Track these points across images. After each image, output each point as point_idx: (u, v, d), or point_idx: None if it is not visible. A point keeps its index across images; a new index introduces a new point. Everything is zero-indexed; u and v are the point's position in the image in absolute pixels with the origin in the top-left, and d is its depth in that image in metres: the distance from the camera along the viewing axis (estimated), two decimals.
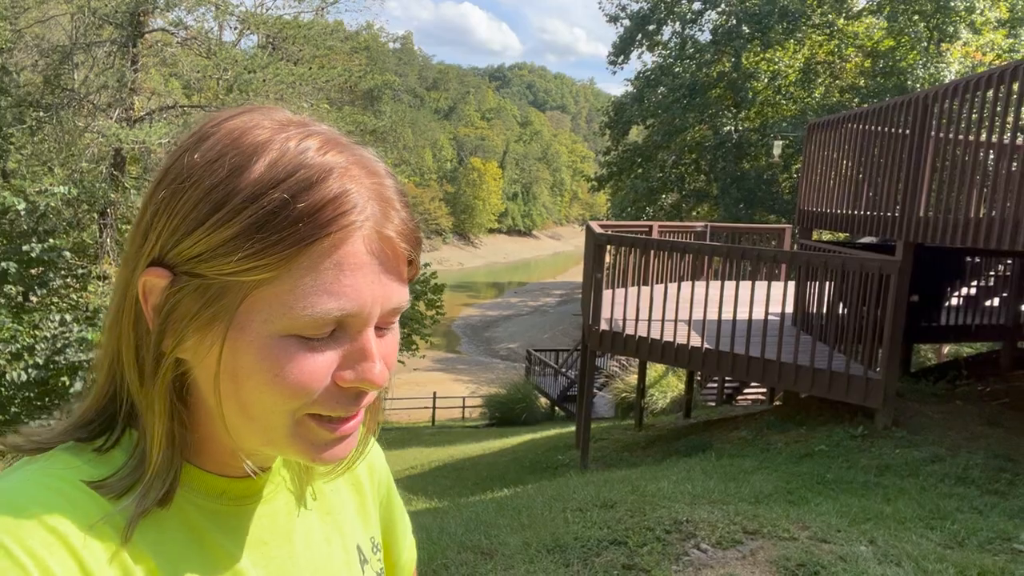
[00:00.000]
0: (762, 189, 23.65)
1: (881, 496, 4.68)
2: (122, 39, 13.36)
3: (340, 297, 0.51)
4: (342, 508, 0.73)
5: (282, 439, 0.54)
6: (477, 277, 68.07)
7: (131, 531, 0.52)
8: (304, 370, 0.51)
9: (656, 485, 4.72)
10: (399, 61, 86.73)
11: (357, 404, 0.54)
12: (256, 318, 0.51)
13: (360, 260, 0.52)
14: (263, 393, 0.52)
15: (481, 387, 24.04)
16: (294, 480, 0.67)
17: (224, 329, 0.51)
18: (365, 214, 0.52)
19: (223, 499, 0.60)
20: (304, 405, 0.52)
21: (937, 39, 20.97)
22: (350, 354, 0.53)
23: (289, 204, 0.49)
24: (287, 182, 0.50)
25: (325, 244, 0.50)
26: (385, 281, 0.53)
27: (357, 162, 0.54)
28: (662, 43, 26.84)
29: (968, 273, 8.79)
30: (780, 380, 6.65)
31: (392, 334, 0.57)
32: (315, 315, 0.50)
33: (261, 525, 0.62)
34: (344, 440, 0.56)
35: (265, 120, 0.54)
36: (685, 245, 8.72)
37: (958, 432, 5.96)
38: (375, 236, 0.52)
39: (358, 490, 0.76)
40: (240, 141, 0.52)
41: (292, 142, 0.52)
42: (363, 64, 25.44)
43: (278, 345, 0.51)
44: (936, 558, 3.31)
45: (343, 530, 0.71)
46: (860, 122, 7.22)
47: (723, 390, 13.33)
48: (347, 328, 0.53)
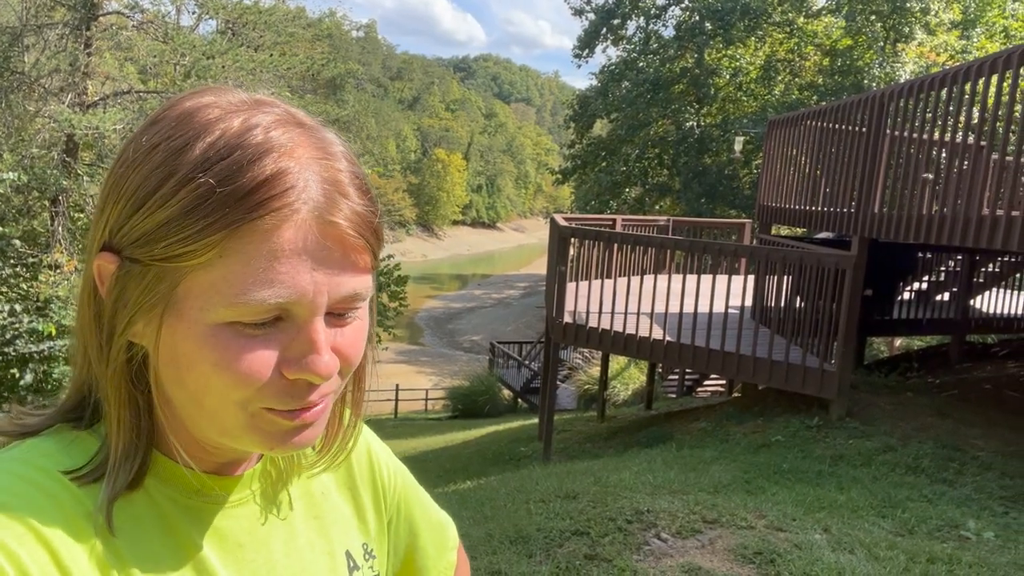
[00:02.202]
0: (723, 184, 23.97)
1: (835, 485, 4.80)
2: (75, 21, 12.94)
3: (275, 284, 0.48)
4: (332, 512, 0.70)
5: (237, 430, 0.53)
6: (441, 269, 67.82)
7: (105, 519, 0.52)
8: (244, 361, 0.49)
9: (618, 476, 4.77)
10: (362, 50, 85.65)
11: (307, 397, 0.52)
12: (193, 305, 0.49)
13: (296, 246, 0.49)
14: (209, 383, 0.50)
15: (444, 379, 24.01)
16: (279, 480, 0.66)
17: (161, 315, 0.50)
18: (304, 197, 0.49)
19: (200, 496, 0.58)
20: (252, 397, 0.51)
21: (893, 39, 21.47)
22: (295, 345, 0.50)
23: (217, 187, 0.47)
24: (220, 164, 0.48)
25: (258, 229, 0.48)
26: (330, 269, 0.50)
27: (308, 143, 0.51)
28: (626, 38, 26.99)
29: (920, 268, 9.04)
30: (739, 372, 6.77)
31: (356, 323, 0.54)
32: (249, 303, 0.48)
33: (239, 527, 0.60)
34: (306, 428, 0.54)
35: (220, 100, 0.52)
36: (648, 239, 8.81)
37: (909, 423, 6.14)
38: (316, 221, 0.49)
39: (354, 494, 0.74)
40: (187, 122, 0.50)
41: (236, 121, 0.50)
42: (326, 52, 25.05)
43: (218, 334, 0.49)
44: (887, 545, 3.41)
45: (330, 535, 0.69)
46: (819, 120, 7.36)
47: (684, 382, 13.52)
48: (293, 318, 0.50)
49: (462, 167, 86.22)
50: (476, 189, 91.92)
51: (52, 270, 11.75)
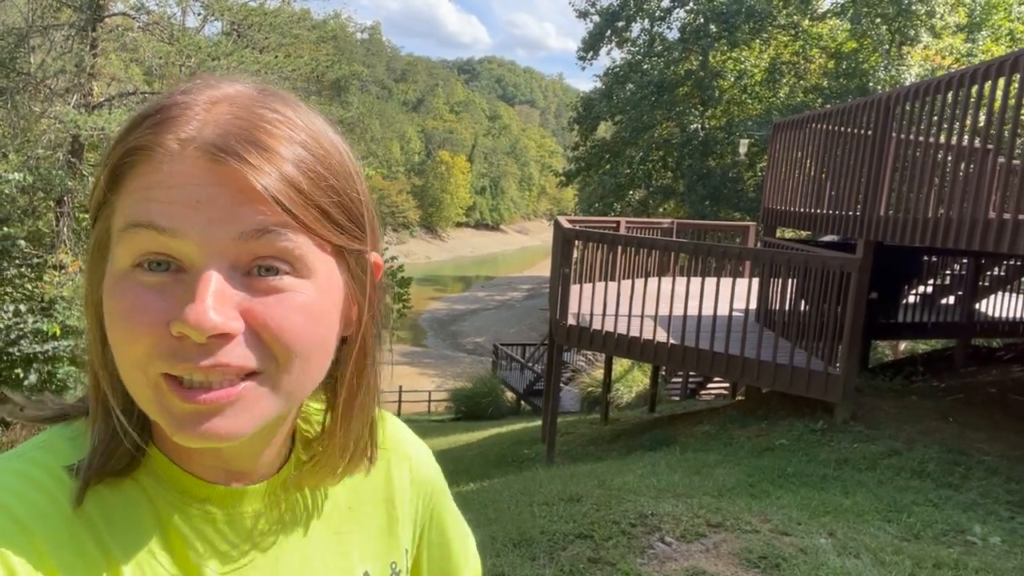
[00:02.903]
0: (727, 187, 23.94)
1: (840, 489, 4.78)
2: (81, 22, 12.98)
3: (151, 213, 0.47)
4: (357, 528, 0.66)
5: (147, 404, 0.49)
6: (444, 271, 67.85)
7: (77, 501, 0.51)
8: (134, 308, 0.47)
9: (622, 479, 4.76)
10: (367, 52, 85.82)
11: (196, 361, 0.46)
12: (111, 252, 0.50)
13: (176, 180, 0.47)
14: (114, 341, 0.49)
15: (447, 381, 24.00)
16: (300, 492, 0.63)
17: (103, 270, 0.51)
18: (190, 136, 0.47)
19: (206, 506, 0.56)
20: (146, 356, 0.47)
21: (898, 42, 21.43)
22: (183, 295, 0.47)
23: (120, 134, 0.49)
24: (134, 116, 0.50)
25: (141, 163, 0.48)
26: (222, 212, 0.47)
27: (232, 100, 0.50)
28: (631, 40, 26.98)
29: (925, 272, 9.00)
30: (743, 375, 6.75)
31: (289, 294, 0.49)
32: (130, 231, 0.47)
33: (248, 540, 0.58)
34: (211, 416, 0.48)
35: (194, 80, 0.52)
36: (652, 241, 8.79)
37: (914, 427, 6.11)
38: (207, 159, 0.47)
39: (389, 506, 0.69)
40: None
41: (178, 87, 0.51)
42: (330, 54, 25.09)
43: (119, 282, 0.48)
44: (893, 550, 3.39)
45: (349, 553, 0.65)
46: (824, 122, 7.35)
47: (687, 385, 13.50)
48: (187, 267, 0.47)
49: (466, 169, 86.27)
50: (480, 191, 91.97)
51: (57, 271, 11.77)
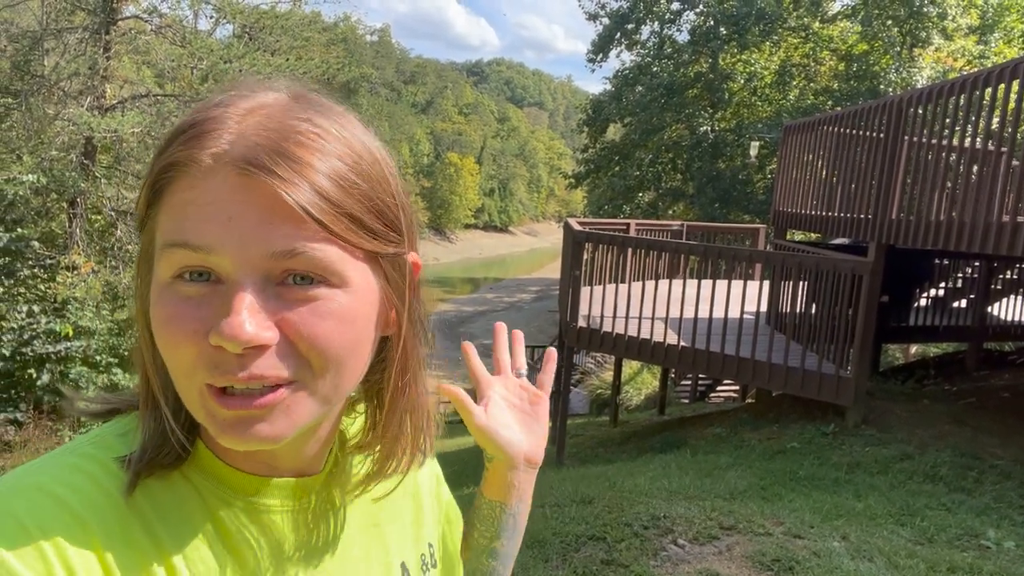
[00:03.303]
0: (737, 189, 23.88)
1: (852, 493, 4.76)
2: (94, 25, 13.08)
3: (185, 231, 0.48)
4: (392, 520, 0.69)
5: (194, 409, 0.51)
6: (453, 272, 67.89)
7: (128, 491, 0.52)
8: (175, 319, 0.49)
9: (633, 481, 4.76)
10: (376, 54, 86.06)
11: (235, 372, 0.48)
12: (155, 264, 0.51)
13: (209, 196, 0.48)
14: (160, 346, 0.51)
15: (456, 382, 23.89)
16: (342, 487, 0.64)
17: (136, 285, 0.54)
18: (221, 149, 0.48)
19: (254, 500, 0.58)
20: (190, 366, 0.49)
21: (910, 44, 21.33)
22: (220, 308, 0.48)
23: (159, 149, 0.51)
24: (171, 131, 0.52)
25: (176, 178, 0.49)
26: (252, 224, 0.48)
27: (265, 110, 0.51)
28: (641, 42, 26.96)
29: (937, 275, 8.96)
30: (754, 378, 6.73)
31: (322, 302, 0.50)
32: (169, 249, 0.49)
33: (292, 535, 0.59)
34: (253, 422, 0.50)
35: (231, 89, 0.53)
36: (662, 244, 8.79)
37: (926, 430, 6.09)
38: (236, 174, 0.48)
39: (414, 497, 0.72)
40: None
41: (214, 97, 0.52)
42: (340, 56, 25.20)
43: (162, 292, 0.50)
44: (907, 554, 3.38)
45: (388, 545, 0.67)
46: (835, 125, 7.33)
47: (697, 387, 13.47)
48: (223, 279, 0.49)
49: (475, 171, 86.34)
50: (488, 193, 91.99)
51: (69, 272, 11.86)
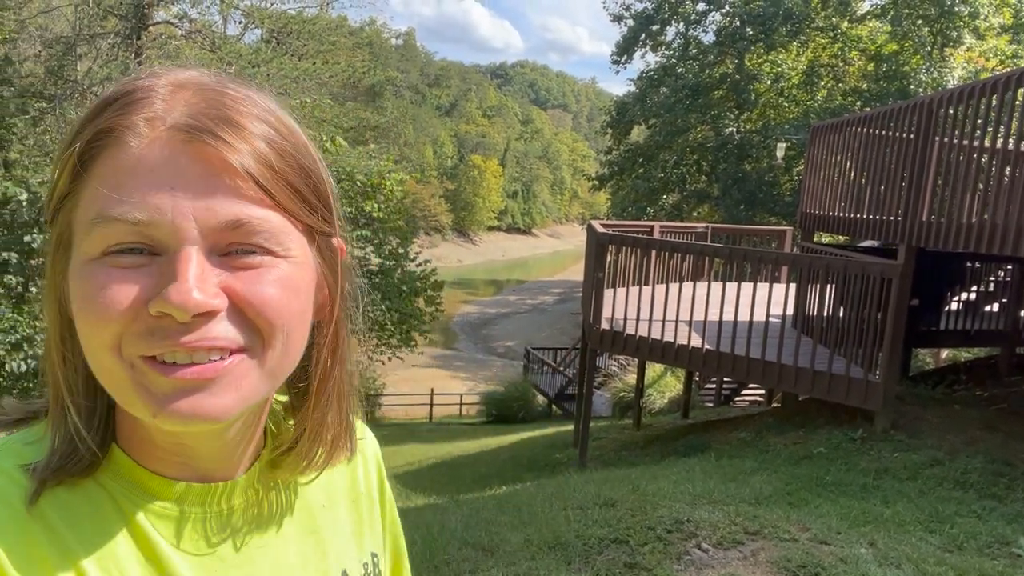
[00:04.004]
0: (763, 191, 23.67)
1: (880, 499, 4.69)
2: (126, 31, 13.34)
3: (126, 202, 0.46)
4: (331, 526, 0.66)
5: (121, 387, 0.48)
6: (476, 274, 68.04)
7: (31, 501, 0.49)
8: (107, 291, 0.46)
9: (656, 484, 4.73)
10: (401, 57, 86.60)
11: (177, 338, 0.46)
12: (78, 242, 0.48)
13: (149, 164, 0.47)
14: (82, 326, 0.48)
15: (479, 384, 24.08)
16: (273, 489, 0.61)
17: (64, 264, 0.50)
18: (159, 115, 0.48)
19: (177, 506, 0.54)
20: (121, 338, 0.47)
21: (941, 44, 20.99)
22: (162, 277, 0.46)
23: (81, 121, 0.49)
24: (96, 104, 0.49)
25: (109, 147, 0.47)
26: (196, 191, 0.47)
27: (195, 83, 0.50)
28: (665, 43, 26.85)
29: (968, 278, 8.80)
30: (780, 382, 6.66)
31: (265, 269, 0.49)
32: (105, 222, 0.46)
33: (221, 540, 0.56)
34: (195, 392, 0.48)
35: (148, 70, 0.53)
36: (687, 246, 8.74)
37: (956, 436, 5.98)
38: (177, 140, 0.47)
39: (357, 505, 0.69)
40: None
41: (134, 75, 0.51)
42: (366, 60, 25.40)
43: (90, 268, 0.47)
44: (936, 561, 3.33)
45: (327, 551, 0.64)
46: (864, 126, 7.23)
47: (721, 391, 13.36)
48: (164, 249, 0.47)
49: (498, 173, 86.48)
50: (512, 195, 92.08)
51: None
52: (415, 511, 5.75)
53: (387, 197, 20.80)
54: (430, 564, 3.38)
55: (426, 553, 3.50)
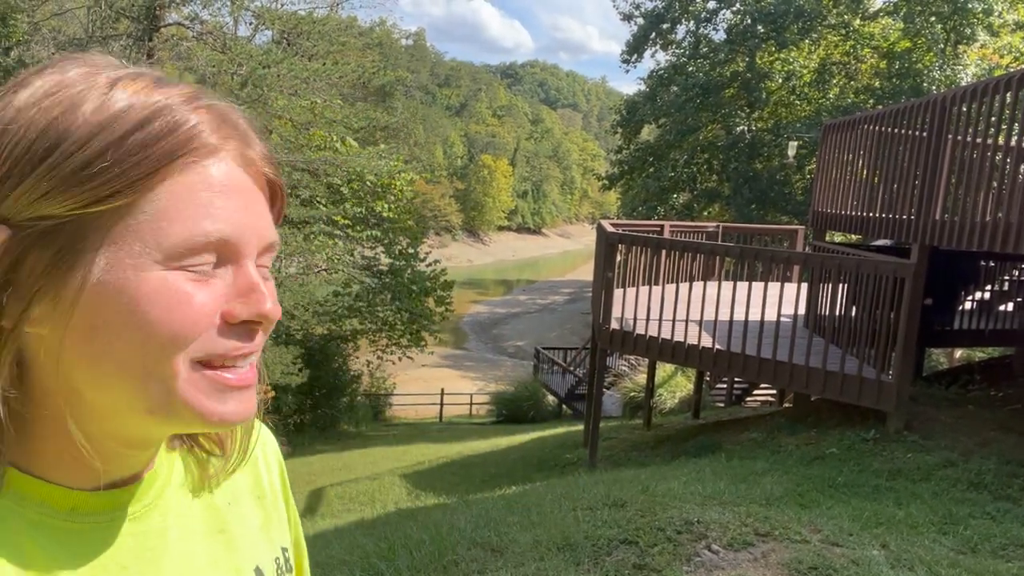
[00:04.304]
0: (775, 190, 23.55)
1: (893, 500, 4.65)
2: (138, 33, 13.42)
3: (216, 220, 0.48)
4: (240, 524, 0.64)
5: (171, 397, 0.48)
6: (486, 274, 68.09)
7: None
8: (192, 306, 0.47)
9: (666, 485, 4.71)
10: (411, 58, 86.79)
11: (251, 340, 0.50)
12: (125, 254, 0.46)
13: (227, 183, 0.49)
14: (147, 343, 0.46)
15: (489, 384, 24.08)
16: (176, 490, 0.60)
17: (84, 276, 0.46)
18: (226, 134, 0.50)
19: (74, 516, 0.52)
20: (191, 347, 0.47)
21: (954, 41, 20.81)
22: (236, 287, 0.49)
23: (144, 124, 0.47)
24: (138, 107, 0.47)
25: (187, 165, 0.47)
26: (257, 211, 0.51)
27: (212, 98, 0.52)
28: (676, 42, 26.75)
29: (982, 277, 8.72)
30: (791, 382, 6.62)
31: (271, 282, 0.53)
32: (190, 241, 0.47)
33: (124, 547, 0.54)
34: (242, 393, 0.50)
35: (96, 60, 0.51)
36: (697, 245, 8.70)
37: (970, 437, 5.92)
38: (240, 160, 0.51)
39: (263, 501, 0.68)
40: (76, 79, 0.48)
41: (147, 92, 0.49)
42: (376, 60, 25.47)
43: (158, 284, 0.46)
44: (949, 564, 3.30)
45: (238, 550, 0.63)
46: (876, 124, 7.18)
47: (732, 391, 13.30)
48: (228, 261, 0.49)
49: (508, 173, 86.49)
50: (522, 195, 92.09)
51: None
52: (424, 511, 5.75)
53: (397, 197, 20.85)
54: (439, 564, 3.37)
55: (435, 553, 3.50)
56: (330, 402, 17.68)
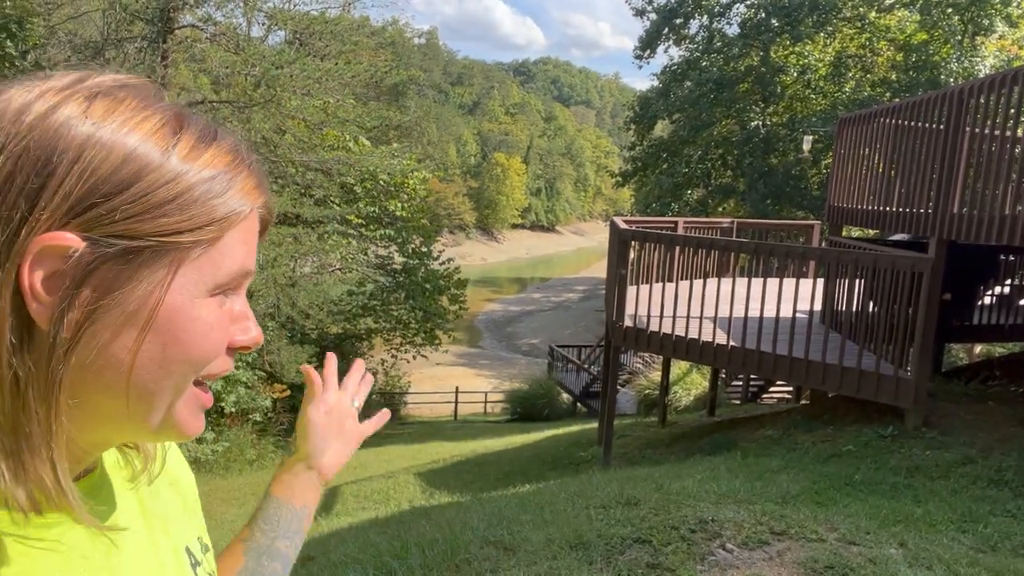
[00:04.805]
0: (790, 185, 23.36)
1: (911, 498, 4.59)
2: (152, 35, 13.52)
3: (251, 259, 0.56)
4: (165, 510, 0.67)
5: (171, 412, 0.53)
6: (500, 272, 68.11)
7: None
8: (222, 325, 0.54)
9: (680, 483, 4.68)
10: (424, 56, 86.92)
11: (229, 367, 0.57)
12: (186, 280, 0.51)
13: (256, 226, 0.57)
14: (183, 360, 0.51)
15: (503, 382, 24.09)
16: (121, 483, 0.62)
17: (148, 294, 0.49)
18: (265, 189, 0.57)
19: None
20: (204, 366, 0.54)
21: (972, 32, 20.54)
22: (234, 315, 0.56)
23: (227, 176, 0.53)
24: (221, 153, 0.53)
25: (247, 215, 0.54)
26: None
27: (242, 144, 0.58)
28: (689, 37, 26.61)
29: (1002, 271, 8.60)
30: (808, 379, 6.56)
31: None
32: (235, 275, 0.54)
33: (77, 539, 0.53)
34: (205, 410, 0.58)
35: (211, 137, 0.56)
36: (711, 241, 8.62)
37: (990, 433, 5.84)
38: (265, 206, 0.58)
39: (178, 488, 0.71)
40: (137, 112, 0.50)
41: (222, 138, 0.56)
42: (388, 59, 25.52)
43: (206, 305, 0.52)
44: (969, 562, 3.24)
45: (171, 532, 0.65)
46: (892, 117, 7.09)
47: (748, 388, 13.21)
48: (233, 291, 0.56)
49: (521, 171, 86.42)
50: (535, 192, 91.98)
51: None
52: (438, 509, 5.75)
53: (410, 196, 20.88)
54: (451, 562, 3.37)
55: (447, 551, 3.49)
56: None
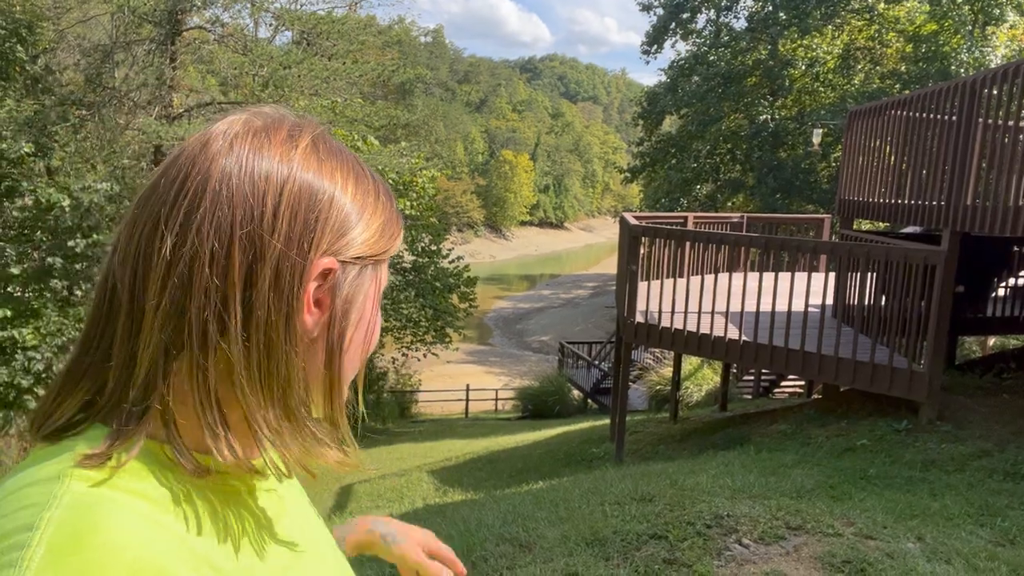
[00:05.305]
0: (800, 178, 23.23)
1: (927, 492, 4.57)
2: (160, 37, 13.58)
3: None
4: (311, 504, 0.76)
5: (336, 401, 0.63)
6: (509, 269, 68.08)
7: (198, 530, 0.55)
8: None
9: (695, 479, 4.67)
10: (430, 55, 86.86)
11: None
12: (373, 288, 0.64)
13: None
14: (363, 355, 0.66)
15: (514, 379, 24.10)
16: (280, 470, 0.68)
17: (367, 297, 0.63)
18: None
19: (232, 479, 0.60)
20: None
21: (982, 22, 20.36)
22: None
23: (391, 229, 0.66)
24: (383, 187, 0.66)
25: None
26: None
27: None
28: (696, 31, 26.49)
29: (1016, 263, 8.53)
30: (820, 373, 6.53)
31: None
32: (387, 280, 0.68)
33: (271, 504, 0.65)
34: None
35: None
36: (722, 236, 8.59)
37: (1006, 426, 5.80)
38: None
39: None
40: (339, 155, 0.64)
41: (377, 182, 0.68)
42: (395, 58, 25.54)
43: (376, 312, 0.65)
44: (987, 556, 3.23)
45: (323, 525, 0.75)
46: (903, 109, 7.04)
47: (760, 383, 13.15)
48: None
49: (529, 168, 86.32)
50: (543, 189, 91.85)
51: None
52: (452, 507, 5.77)
53: (419, 194, 20.90)
54: (467, 560, 3.38)
55: (463, 549, 3.50)
56: (357, 399, 17.81)
